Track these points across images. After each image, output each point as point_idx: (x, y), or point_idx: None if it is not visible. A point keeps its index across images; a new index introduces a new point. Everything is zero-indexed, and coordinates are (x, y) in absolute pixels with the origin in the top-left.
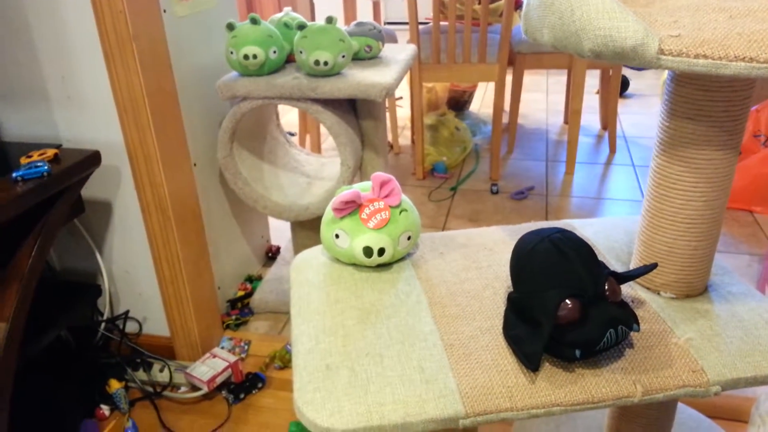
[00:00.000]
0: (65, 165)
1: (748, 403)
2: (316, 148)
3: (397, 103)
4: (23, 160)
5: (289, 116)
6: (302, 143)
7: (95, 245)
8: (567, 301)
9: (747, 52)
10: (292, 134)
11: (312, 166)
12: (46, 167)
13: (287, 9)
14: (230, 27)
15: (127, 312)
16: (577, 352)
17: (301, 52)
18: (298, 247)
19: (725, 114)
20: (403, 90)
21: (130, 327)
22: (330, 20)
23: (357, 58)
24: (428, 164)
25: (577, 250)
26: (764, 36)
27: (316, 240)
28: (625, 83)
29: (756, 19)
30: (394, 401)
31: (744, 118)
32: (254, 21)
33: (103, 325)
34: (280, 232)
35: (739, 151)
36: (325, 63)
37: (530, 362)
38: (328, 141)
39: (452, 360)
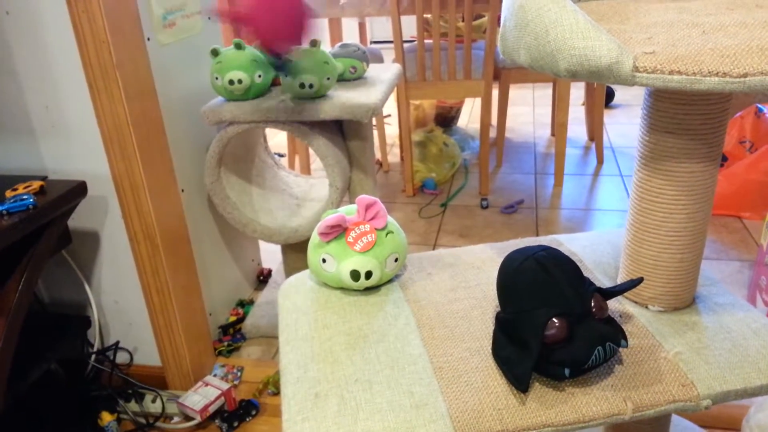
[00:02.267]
0: (51, 197)
1: (742, 412)
2: (306, 168)
3: (386, 120)
4: (8, 194)
5: (277, 137)
6: (291, 164)
7: (83, 276)
8: (554, 320)
9: (720, 67)
10: (281, 155)
11: (301, 187)
12: (31, 200)
13: None
14: (215, 53)
15: (117, 343)
16: (566, 371)
17: (286, 76)
18: (290, 269)
19: (703, 127)
20: (391, 108)
21: (121, 358)
22: (314, 44)
23: (342, 79)
24: (418, 181)
25: (562, 267)
26: (736, 51)
27: (306, 262)
28: (610, 94)
29: (728, 34)
30: (384, 429)
31: (723, 130)
32: (239, 46)
33: (93, 356)
34: (271, 255)
35: (719, 162)
36: (311, 86)
37: (519, 383)
38: (317, 161)
39: (442, 383)
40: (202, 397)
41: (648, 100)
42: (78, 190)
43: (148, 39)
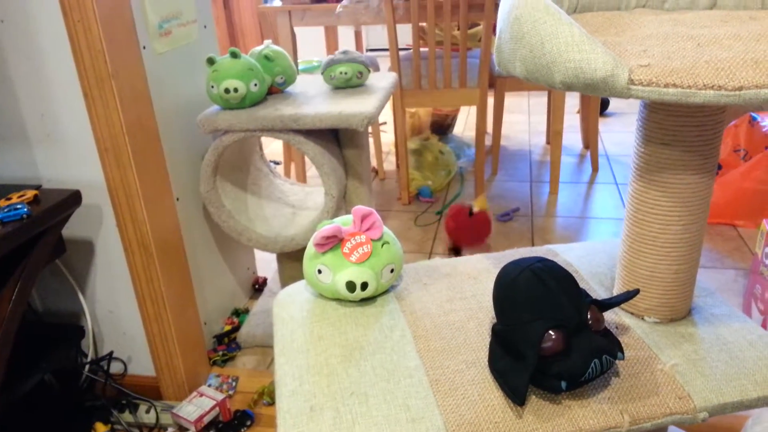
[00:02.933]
0: (45, 206)
1: (740, 422)
2: (301, 176)
3: (382, 128)
4: (2, 203)
5: (273, 145)
6: (287, 172)
7: (78, 286)
8: (551, 332)
9: (715, 80)
10: (276, 163)
11: (297, 196)
12: (25, 209)
13: (267, 41)
14: (210, 61)
15: (111, 353)
16: (563, 384)
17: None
18: (285, 278)
19: (699, 138)
20: (387, 115)
21: (115, 368)
22: (234, 54)
23: (350, 85)
24: (413, 189)
25: (558, 279)
26: (731, 64)
27: (302, 270)
28: (605, 102)
29: (722, 47)
30: None
31: (718, 142)
32: (234, 55)
33: (87, 367)
34: (266, 263)
35: (714, 174)
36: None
37: (516, 396)
38: (312, 169)
39: (438, 396)
40: (196, 407)
41: (643, 111)
42: (72, 199)
43: (144, 47)
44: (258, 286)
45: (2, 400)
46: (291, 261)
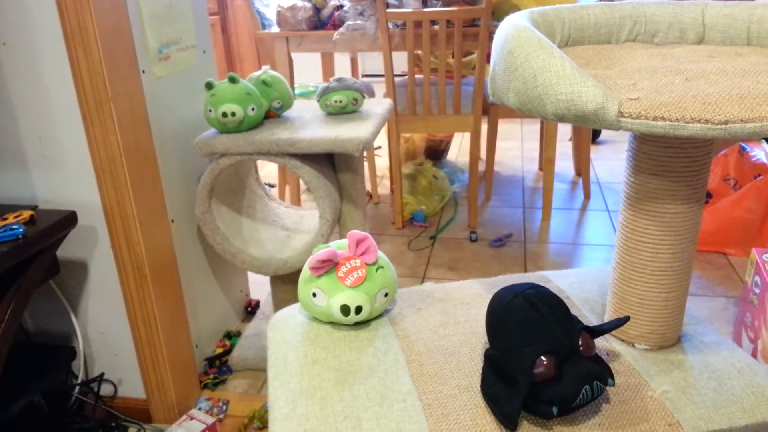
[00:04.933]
0: (41, 227)
1: None
2: (296, 199)
3: (376, 152)
4: None
5: (268, 168)
6: (281, 194)
7: (70, 306)
8: (542, 358)
9: (702, 114)
10: (271, 185)
11: (291, 219)
12: (21, 230)
13: (265, 67)
14: (209, 86)
15: (102, 374)
16: (554, 410)
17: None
18: (278, 301)
19: (687, 169)
20: (382, 139)
21: (105, 389)
22: (233, 80)
23: (345, 112)
24: (407, 213)
25: (551, 305)
26: (717, 99)
27: (295, 293)
28: (597, 130)
29: (709, 82)
30: None
31: (706, 172)
32: (232, 80)
33: (77, 388)
34: (259, 286)
35: (703, 203)
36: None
37: (508, 422)
38: (307, 191)
39: (431, 421)
40: (186, 431)
41: (633, 142)
42: (68, 220)
43: (143, 71)
44: (251, 309)
45: None
46: (284, 284)
